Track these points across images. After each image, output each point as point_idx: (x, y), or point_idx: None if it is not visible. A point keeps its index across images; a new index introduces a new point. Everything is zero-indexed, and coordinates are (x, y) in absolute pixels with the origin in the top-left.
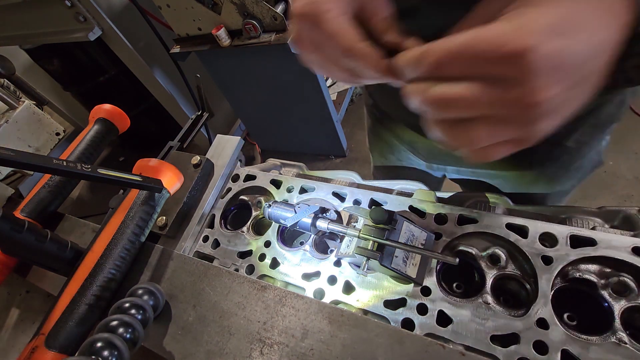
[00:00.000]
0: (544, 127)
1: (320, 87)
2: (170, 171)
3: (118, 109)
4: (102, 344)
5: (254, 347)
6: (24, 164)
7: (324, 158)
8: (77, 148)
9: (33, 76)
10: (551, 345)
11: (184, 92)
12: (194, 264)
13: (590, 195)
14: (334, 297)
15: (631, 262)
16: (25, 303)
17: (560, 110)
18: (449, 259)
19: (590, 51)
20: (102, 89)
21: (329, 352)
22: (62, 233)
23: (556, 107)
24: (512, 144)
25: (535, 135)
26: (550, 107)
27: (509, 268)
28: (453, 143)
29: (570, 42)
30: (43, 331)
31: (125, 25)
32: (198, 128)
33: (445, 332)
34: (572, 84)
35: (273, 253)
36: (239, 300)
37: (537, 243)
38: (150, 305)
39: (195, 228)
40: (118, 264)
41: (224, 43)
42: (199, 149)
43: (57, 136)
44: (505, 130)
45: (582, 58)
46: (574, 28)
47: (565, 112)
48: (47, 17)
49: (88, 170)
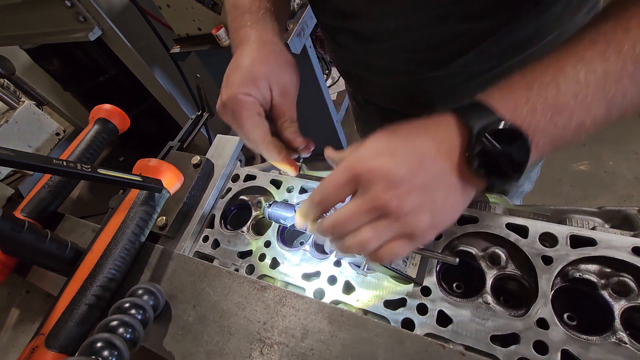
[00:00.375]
0: (419, 223)
1: (320, 87)
2: (170, 171)
3: (118, 109)
4: (102, 344)
5: (254, 347)
6: (24, 164)
7: (323, 158)
8: (77, 148)
9: (33, 76)
10: (551, 345)
11: (184, 92)
12: (194, 264)
13: (590, 195)
14: (334, 297)
15: (631, 262)
16: (25, 303)
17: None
18: (449, 259)
19: (412, 163)
20: (102, 89)
21: (329, 352)
22: (62, 233)
23: (411, 205)
24: (401, 241)
25: (417, 230)
26: (402, 205)
27: (509, 268)
28: (352, 251)
29: (389, 160)
30: (43, 331)
31: (125, 25)
32: (198, 128)
33: (446, 332)
34: (412, 187)
35: (273, 253)
36: (239, 300)
37: (537, 243)
38: (150, 305)
39: (195, 228)
40: (118, 264)
41: (224, 43)
42: (199, 149)
43: (57, 136)
44: (384, 229)
45: (404, 168)
46: (392, 152)
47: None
48: (47, 17)
49: (88, 171)
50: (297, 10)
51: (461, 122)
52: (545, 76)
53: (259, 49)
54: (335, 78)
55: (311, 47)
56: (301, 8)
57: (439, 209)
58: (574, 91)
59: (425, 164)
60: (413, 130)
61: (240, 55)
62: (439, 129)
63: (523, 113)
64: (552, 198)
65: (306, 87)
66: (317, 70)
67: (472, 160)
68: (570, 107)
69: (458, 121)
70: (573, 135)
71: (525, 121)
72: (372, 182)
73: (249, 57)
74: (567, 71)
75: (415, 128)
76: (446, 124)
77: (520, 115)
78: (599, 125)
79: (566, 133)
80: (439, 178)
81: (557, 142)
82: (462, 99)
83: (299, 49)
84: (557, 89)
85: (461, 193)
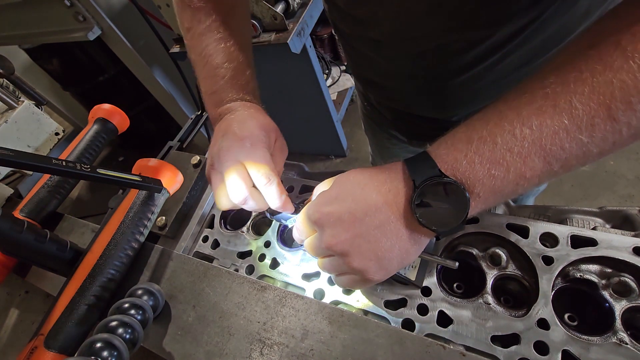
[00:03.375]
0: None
1: (320, 86)
2: (170, 171)
3: (117, 108)
4: (101, 344)
5: (253, 348)
6: (23, 164)
7: (324, 158)
8: (76, 148)
9: (32, 76)
10: (552, 346)
11: (183, 91)
12: (193, 264)
13: (591, 195)
14: (334, 297)
15: (632, 263)
16: (25, 303)
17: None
18: (448, 263)
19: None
20: (102, 89)
21: (329, 352)
22: (61, 233)
23: (356, 252)
24: (352, 277)
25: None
26: (348, 251)
27: (510, 268)
28: (324, 271)
29: (337, 209)
30: (42, 331)
31: (125, 25)
32: (198, 128)
33: (446, 332)
34: (355, 234)
35: (273, 253)
36: (239, 301)
37: (537, 243)
38: (149, 305)
39: (195, 228)
40: (117, 264)
41: None
42: (198, 149)
43: (57, 136)
44: (336, 264)
45: (350, 217)
46: (341, 201)
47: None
48: (46, 16)
49: (87, 170)
50: (297, 10)
51: (407, 174)
52: (484, 130)
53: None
54: (335, 78)
55: (311, 47)
56: (301, 8)
57: (385, 255)
58: (509, 145)
59: (370, 212)
60: (363, 178)
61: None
62: (387, 178)
63: (462, 167)
64: (552, 198)
65: (306, 87)
66: (317, 70)
67: (415, 211)
68: (507, 161)
69: (404, 172)
70: (514, 185)
71: (464, 174)
72: (322, 226)
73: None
74: (504, 125)
75: (366, 176)
76: (395, 174)
77: (459, 169)
78: (544, 176)
79: (506, 183)
80: (384, 227)
81: (498, 191)
82: (486, 101)
83: (299, 49)
84: (493, 144)
85: (408, 240)
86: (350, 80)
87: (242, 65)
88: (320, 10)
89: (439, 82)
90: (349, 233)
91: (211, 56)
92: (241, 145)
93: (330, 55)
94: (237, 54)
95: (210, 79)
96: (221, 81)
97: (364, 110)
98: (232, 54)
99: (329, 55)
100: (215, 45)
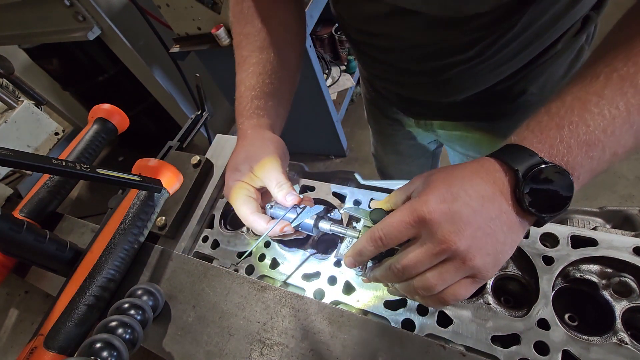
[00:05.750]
0: (484, 264)
1: (320, 86)
2: (170, 171)
3: (117, 108)
4: (101, 344)
5: (253, 348)
6: (23, 164)
7: (324, 158)
8: (76, 148)
9: (32, 76)
10: (552, 346)
11: (183, 91)
12: (193, 264)
13: (591, 195)
14: (334, 297)
15: (632, 263)
16: (24, 303)
17: (489, 248)
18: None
19: (474, 205)
20: (101, 89)
21: (329, 352)
22: (61, 233)
23: (477, 247)
24: (465, 282)
25: (482, 271)
26: (469, 247)
27: (510, 268)
28: (417, 293)
29: (453, 204)
30: (42, 332)
31: (125, 25)
32: (198, 128)
33: (446, 332)
34: (477, 229)
35: (273, 253)
36: (239, 301)
37: (538, 243)
38: (149, 305)
39: (194, 228)
40: (117, 264)
41: (224, 42)
42: (198, 149)
43: (56, 136)
44: (450, 272)
45: (468, 211)
46: (455, 196)
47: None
48: (46, 16)
49: (87, 170)
50: None
51: (505, 165)
52: (572, 116)
53: (241, 141)
54: (335, 78)
55: (311, 47)
56: None
57: (500, 248)
58: (602, 126)
59: (486, 205)
60: (467, 173)
61: (234, 151)
62: (488, 170)
63: (560, 152)
64: None
65: (306, 87)
66: (317, 70)
67: (523, 199)
68: (602, 141)
69: (502, 164)
70: (608, 164)
71: (563, 159)
72: (438, 225)
73: (235, 151)
74: (591, 109)
75: (468, 171)
76: (492, 167)
77: (559, 155)
78: (630, 151)
79: (602, 164)
80: (499, 217)
81: (595, 172)
82: (487, 83)
83: None
84: (586, 127)
85: (518, 230)
86: (350, 80)
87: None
88: (320, 10)
89: (443, 75)
90: (471, 227)
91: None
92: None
93: (330, 55)
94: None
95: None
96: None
97: (368, 96)
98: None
99: (329, 55)
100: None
